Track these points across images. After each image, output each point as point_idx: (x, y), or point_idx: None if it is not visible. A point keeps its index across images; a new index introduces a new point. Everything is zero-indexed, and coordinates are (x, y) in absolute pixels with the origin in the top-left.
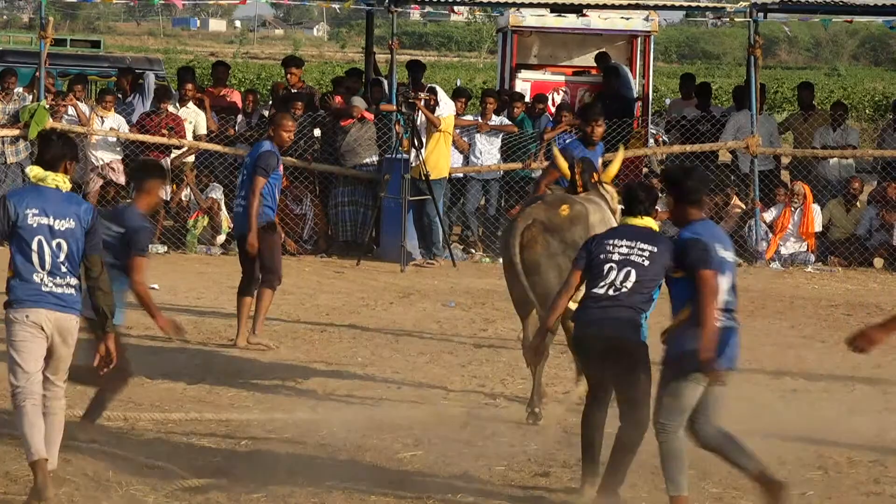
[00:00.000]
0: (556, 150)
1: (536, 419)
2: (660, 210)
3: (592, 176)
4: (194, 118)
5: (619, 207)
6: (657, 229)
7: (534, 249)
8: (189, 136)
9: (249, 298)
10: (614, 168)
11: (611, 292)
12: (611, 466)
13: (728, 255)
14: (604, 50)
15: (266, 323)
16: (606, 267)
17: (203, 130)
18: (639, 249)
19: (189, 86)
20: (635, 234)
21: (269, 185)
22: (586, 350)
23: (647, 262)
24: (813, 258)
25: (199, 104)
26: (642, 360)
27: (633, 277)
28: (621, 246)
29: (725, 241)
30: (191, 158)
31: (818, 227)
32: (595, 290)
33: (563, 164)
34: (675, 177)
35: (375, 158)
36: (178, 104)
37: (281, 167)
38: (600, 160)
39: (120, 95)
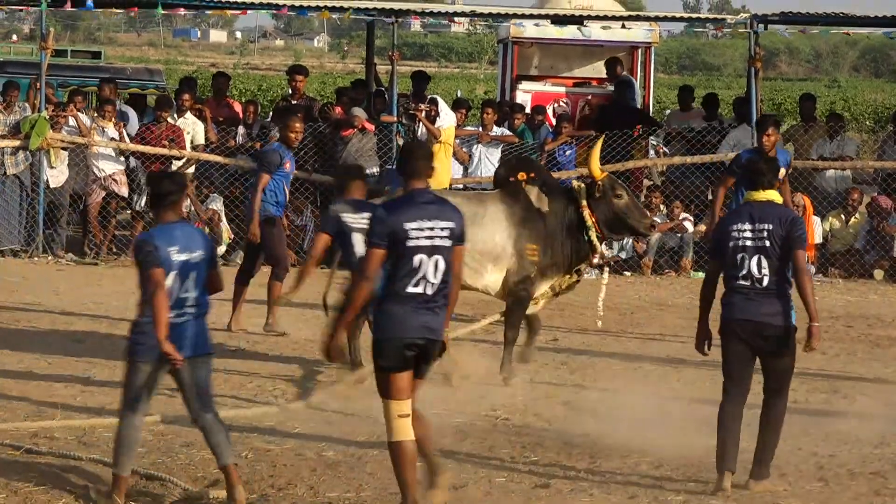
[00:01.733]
0: None
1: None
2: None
3: (515, 175)
4: (192, 129)
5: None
6: (780, 201)
7: None
8: (188, 147)
9: (244, 287)
10: (594, 159)
11: None
12: None
13: (185, 255)
14: (617, 56)
15: (262, 338)
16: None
17: (201, 140)
18: None
19: (186, 96)
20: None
21: (273, 182)
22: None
23: None
24: (813, 269)
25: (199, 115)
26: None
27: None
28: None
29: (183, 242)
30: (191, 169)
31: (818, 239)
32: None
33: None
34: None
35: (376, 169)
36: (176, 115)
37: (288, 165)
38: (782, 170)
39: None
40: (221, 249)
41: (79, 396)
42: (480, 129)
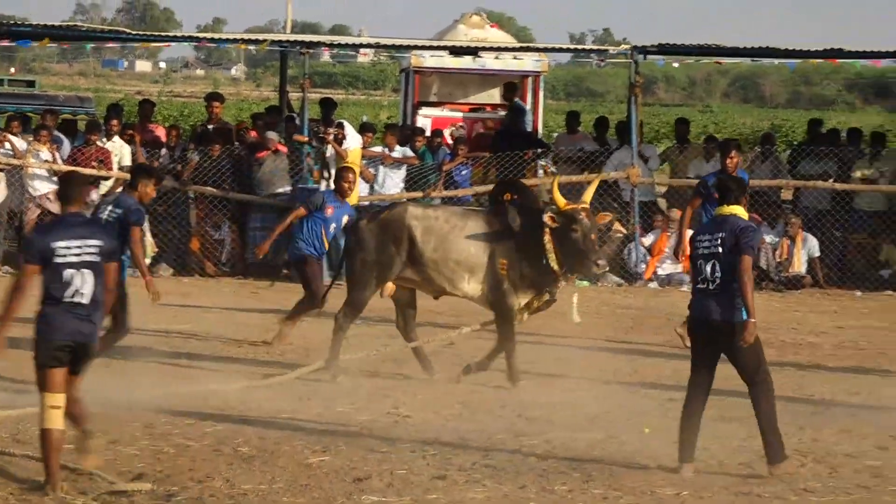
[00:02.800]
0: None
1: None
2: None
3: (502, 195)
4: (120, 151)
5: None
6: (744, 216)
7: None
8: (115, 167)
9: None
10: (589, 193)
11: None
12: None
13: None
14: (514, 81)
15: (183, 343)
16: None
17: (127, 162)
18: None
19: (114, 121)
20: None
21: (313, 224)
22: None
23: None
24: (688, 278)
25: (130, 139)
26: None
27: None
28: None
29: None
30: (118, 189)
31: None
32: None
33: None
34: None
35: (288, 188)
36: (104, 138)
37: (330, 211)
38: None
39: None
40: (147, 262)
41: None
42: (385, 150)
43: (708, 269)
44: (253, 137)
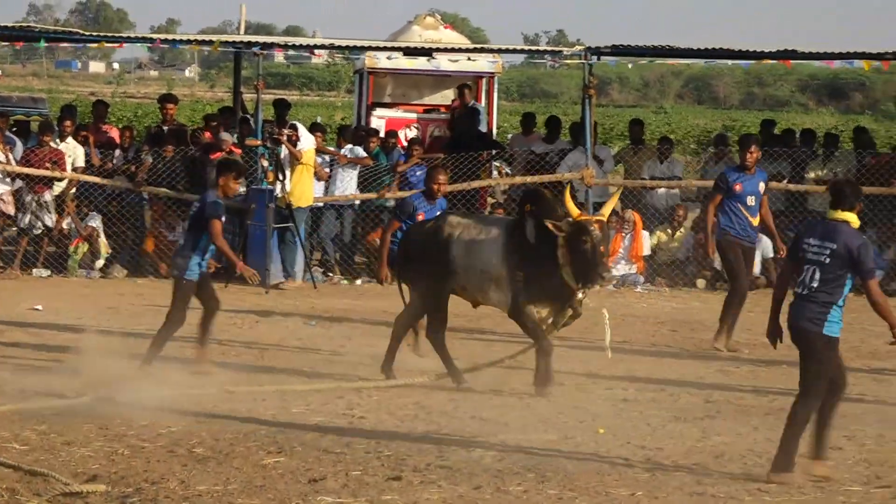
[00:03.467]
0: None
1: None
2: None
3: (524, 205)
4: (73, 152)
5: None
6: (856, 224)
7: None
8: (69, 168)
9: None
10: (609, 207)
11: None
12: None
13: None
14: (469, 84)
15: (138, 341)
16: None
17: (81, 163)
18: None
19: (67, 122)
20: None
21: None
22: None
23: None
24: (642, 279)
25: (85, 140)
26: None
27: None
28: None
29: None
30: (72, 190)
31: (647, 251)
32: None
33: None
34: None
35: (242, 189)
36: (58, 139)
37: (420, 216)
38: (762, 184)
39: None
40: (99, 263)
41: None
42: (340, 150)
43: (808, 275)
44: (207, 139)
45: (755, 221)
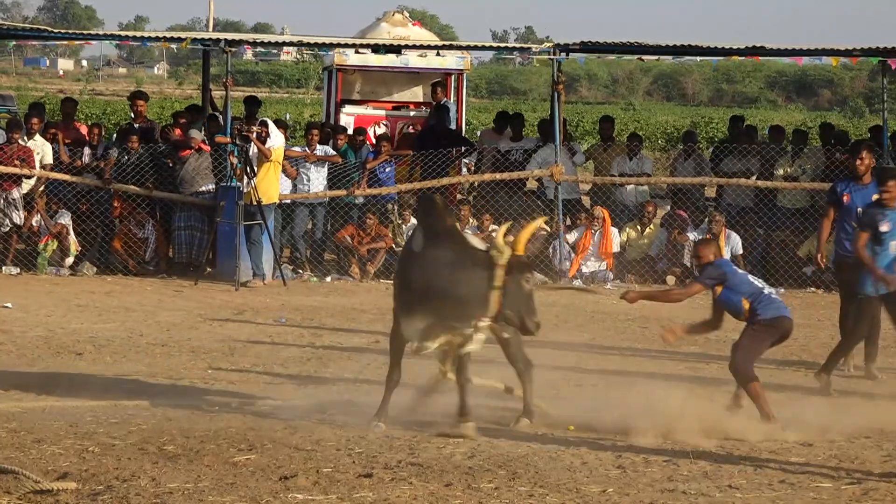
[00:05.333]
0: None
1: None
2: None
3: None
4: (41, 149)
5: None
6: None
7: None
8: (37, 166)
9: None
10: (522, 238)
11: None
12: None
13: None
14: (440, 80)
15: (108, 341)
16: None
17: (50, 160)
18: None
19: (35, 120)
20: None
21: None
22: None
23: None
24: (611, 276)
25: (53, 138)
26: None
27: None
28: None
29: None
30: (41, 187)
31: (616, 248)
32: None
33: None
34: None
35: (211, 186)
36: (26, 137)
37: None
38: (876, 195)
39: None
40: (69, 261)
41: None
42: (307, 149)
43: None
44: (177, 136)
45: None
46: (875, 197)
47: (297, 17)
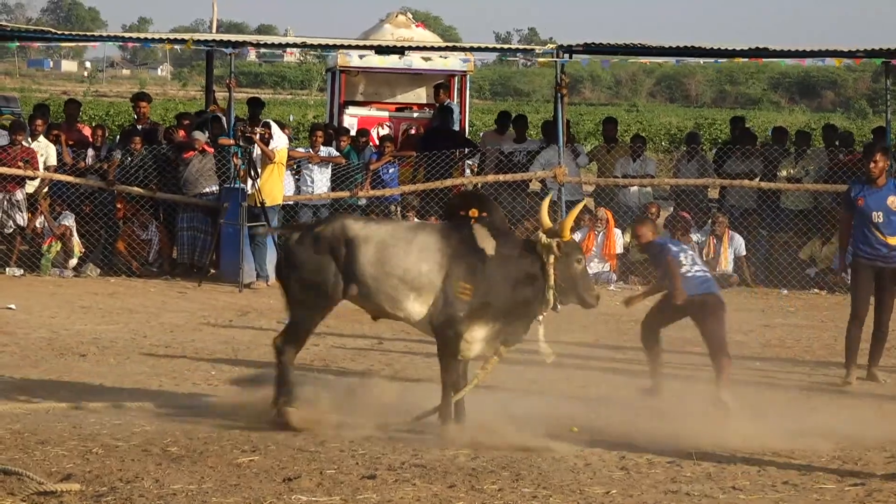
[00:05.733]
0: None
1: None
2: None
3: (466, 209)
4: (45, 151)
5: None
6: None
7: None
8: (41, 167)
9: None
10: (567, 223)
11: None
12: None
13: None
14: (443, 81)
15: (111, 343)
16: None
17: (53, 162)
18: None
19: (39, 121)
20: None
21: None
22: None
23: None
24: (615, 277)
25: (56, 139)
26: None
27: None
28: None
29: None
30: (44, 189)
31: (619, 249)
32: None
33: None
34: None
35: (215, 188)
36: (29, 138)
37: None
38: (891, 198)
39: None
40: (73, 262)
41: None
42: (310, 150)
43: None
44: (181, 137)
45: (892, 240)
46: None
47: (301, 19)
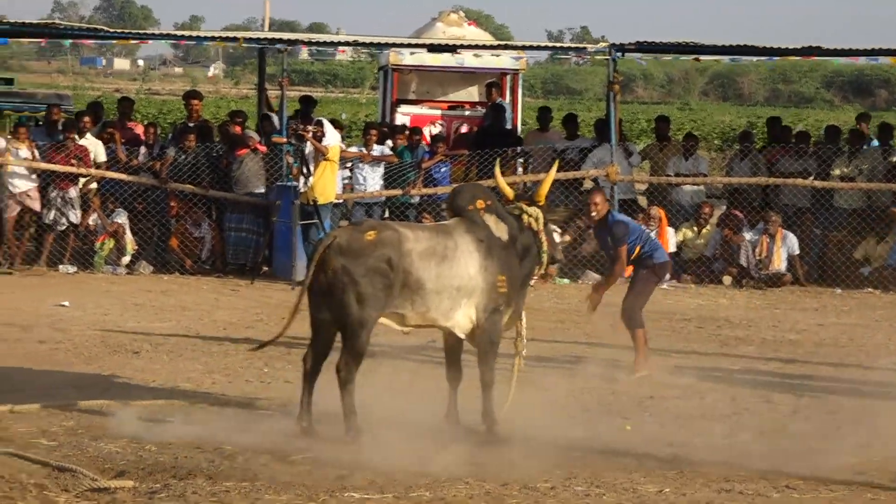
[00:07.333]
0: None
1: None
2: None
3: (473, 202)
4: (94, 148)
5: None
6: None
7: (326, 272)
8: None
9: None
10: (544, 188)
11: None
12: None
13: None
14: (495, 80)
15: (164, 340)
16: None
17: (102, 159)
18: None
19: (87, 118)
20: None
21: None
22: None
23: None
24: (668, 276)
25: (110, 137)
26: None
27: None
28: None
29: None
30: (93, 185)
31: (672, 248)
32: None
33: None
34: None
35: (263, 189)
36: (77, 135)
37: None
38: None
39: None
40: (125, 259)
41: None
42: (363, 149)
43: None
44: (236, 132)
45: None
46: None
47: (353, 17)
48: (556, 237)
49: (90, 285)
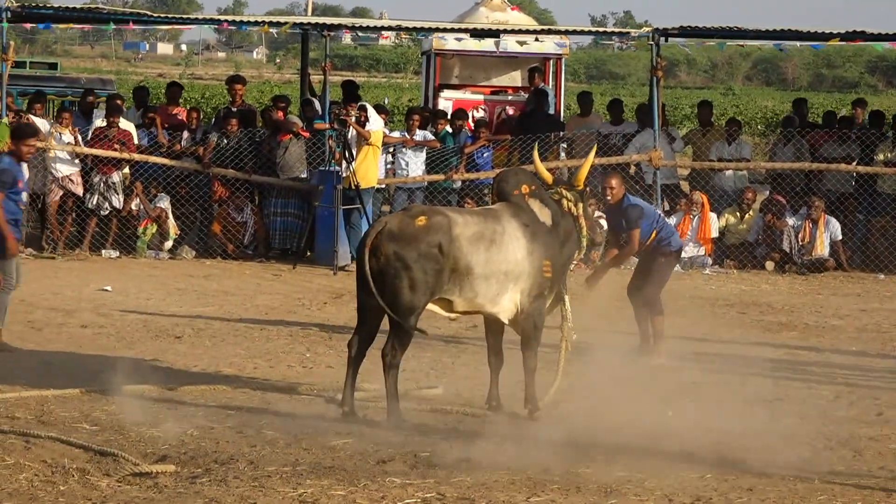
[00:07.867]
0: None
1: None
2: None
3: (518, 187)
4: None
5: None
6: None
7: (378, 257)
8: None
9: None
10: (583, 172)
11: None
12: None
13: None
14: (537, 65)
15: (206, 325)
16: None
17: (135, 142)
18: None
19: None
20: None
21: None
22: None
23: None
24: (710, 261)
25: (151, 122)
26: None
27: None
28: None
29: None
30: (125, 170)
31: (714, 233)
32: None
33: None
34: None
35: (305, 174)
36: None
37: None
38: None
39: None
40: (168, 244)
41: (37, 380)
42: (406, 134)
43: None
44: (279, 117)
45: None
46: None
47: (396, 1)
48: (603, 222)
49: (133, 270)
